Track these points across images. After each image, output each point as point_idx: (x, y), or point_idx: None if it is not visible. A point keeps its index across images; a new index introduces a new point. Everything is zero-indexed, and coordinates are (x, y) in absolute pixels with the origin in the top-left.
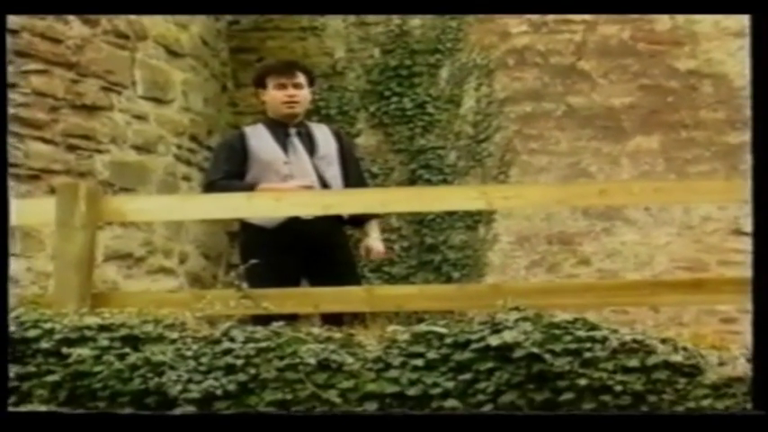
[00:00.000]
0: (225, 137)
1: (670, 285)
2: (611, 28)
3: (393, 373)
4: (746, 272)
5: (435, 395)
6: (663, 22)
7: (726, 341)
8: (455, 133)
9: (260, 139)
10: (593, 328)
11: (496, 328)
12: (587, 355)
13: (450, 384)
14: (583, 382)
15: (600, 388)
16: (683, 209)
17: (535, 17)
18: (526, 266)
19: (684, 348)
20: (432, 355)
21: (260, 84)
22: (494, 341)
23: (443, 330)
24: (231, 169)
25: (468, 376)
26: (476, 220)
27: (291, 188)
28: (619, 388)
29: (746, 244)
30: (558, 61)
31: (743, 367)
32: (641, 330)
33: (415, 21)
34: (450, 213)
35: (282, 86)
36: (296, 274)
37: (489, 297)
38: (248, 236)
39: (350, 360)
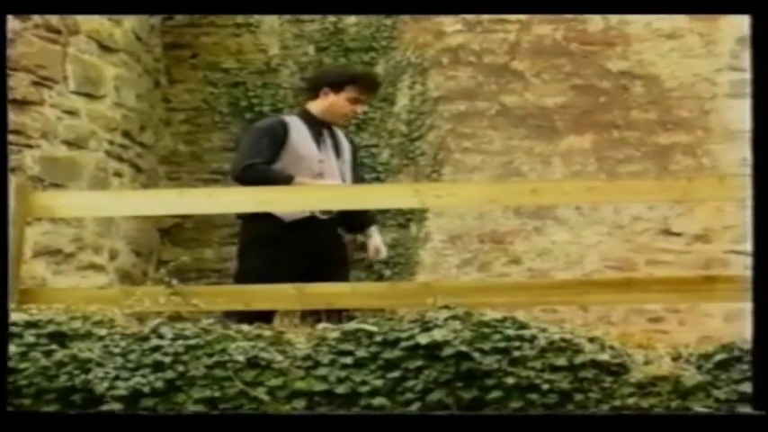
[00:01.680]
0: (266, 121)
1: (599, 284)
2: (545, 28)
3: (322, 371)
4: (675, 271)
5: (363, 393)
6: (595, 22)
7: (653, 340)
8: (388, 131)
9: (299, 132)
10: (522, 326)
11: (426, 327)
12: (516, 353)
13: (379, 382)
14: (510, 380)
15: (527, 386)
16: (614, 208)
17: (470, 16)
18: (458, 265)
19: (611, 347)
20: (361, 353)
21: (335, 85)
22: (423, 339)
23: (373, 328)
24: (270, 156)
25: (396, 374)
26: (408, 218)
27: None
28: (546, 386)
29: (675, 244)
30: (492, 60)
31: (668, 366)
32: (570, 329)
33: (350, 18)
34: (383, 211)
35: (357, 101)
36: (298, 271)
37: (420, 295)
38: (262, 226)
39: (279, 358)
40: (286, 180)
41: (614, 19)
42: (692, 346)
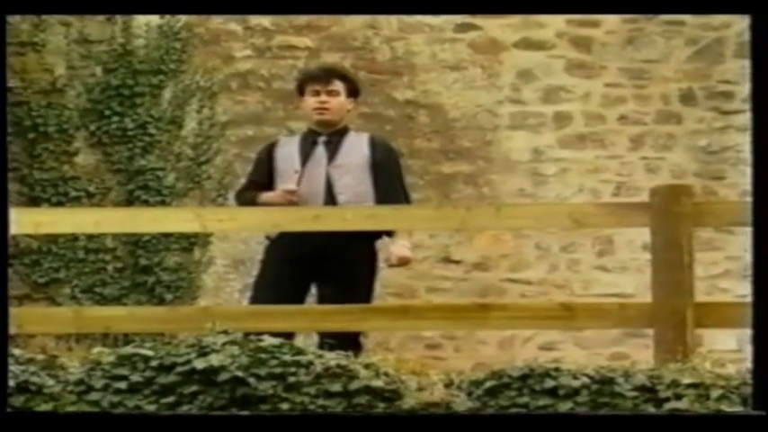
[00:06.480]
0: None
1: (378, 311)
2: (334, 56)
3: (95, 396)
4: (453, 298)
5: None
6: (383, 52)
7: (427, 367)
8: (175, 155)
9: (287, 147)
10: (300, 352)
11: (203, 351)
12: (291, 379)
13: (153, 408)
14: (285, 406)
15: (301, 412)
16: None
17: (259, 42)
18: (240, 290)
19: (386, 374)
20: (135, 377)
21: (300, 91)
22: (199, 364)
23: (149, 353)
24: (255, 179)
25: (171, 399)
26: (192, 242)
27: (276, 195)
28: (320, 412)
29: (454, 271)
30: (280, 86)
31: (440, 392)
32: (346, 355)
33: (140, 40)
34: (167, 235)
35: (316, 93)
36: (303, 280)
37: (199, 320)
38: (265, 248)
39: (50, 382)
40: (251, 202)
41: (401, 49)
42: (465, 372)
